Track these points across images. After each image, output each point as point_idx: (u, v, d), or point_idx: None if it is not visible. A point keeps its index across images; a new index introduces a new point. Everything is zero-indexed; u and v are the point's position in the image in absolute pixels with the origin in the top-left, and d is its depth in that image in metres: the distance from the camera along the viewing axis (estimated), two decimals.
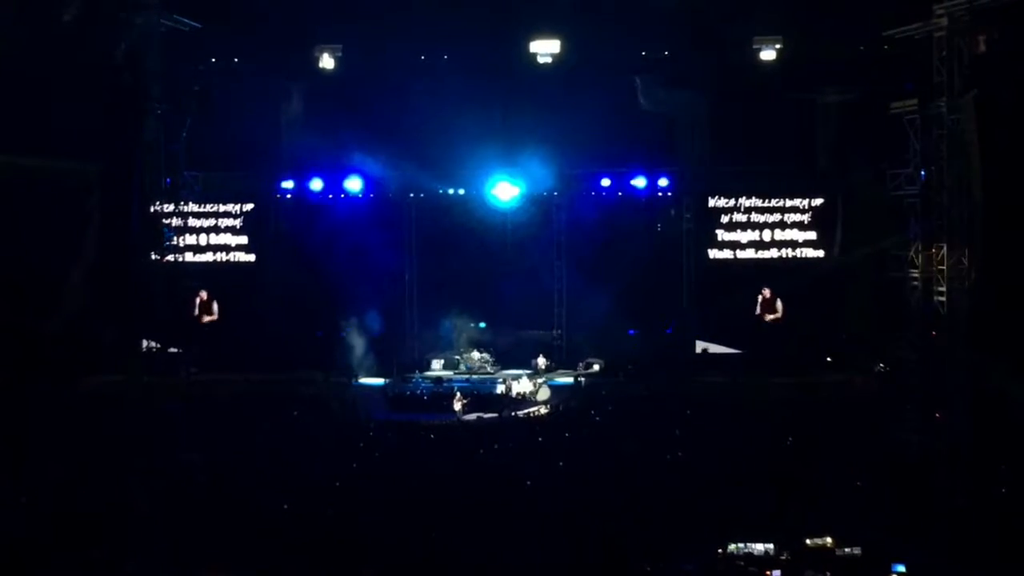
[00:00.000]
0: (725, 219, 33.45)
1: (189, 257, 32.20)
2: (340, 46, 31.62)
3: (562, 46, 31.47)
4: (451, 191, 33.76)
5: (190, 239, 32.68)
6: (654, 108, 32.63)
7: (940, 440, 23.36)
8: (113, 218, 27.29)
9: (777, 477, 21.26)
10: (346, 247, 32.96)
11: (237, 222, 33.84)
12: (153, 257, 27.99)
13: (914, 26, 27.99)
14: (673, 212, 33.99)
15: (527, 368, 33.08)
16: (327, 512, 20.06)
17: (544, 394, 30.47)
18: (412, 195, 33.92)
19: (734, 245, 33.39)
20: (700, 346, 33.03)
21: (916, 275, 29.09)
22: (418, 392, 31.19)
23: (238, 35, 30.96)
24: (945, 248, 28.26)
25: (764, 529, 18.27)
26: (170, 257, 28.45)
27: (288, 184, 33.77)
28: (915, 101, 28.65)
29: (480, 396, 30.34)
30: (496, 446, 24.74)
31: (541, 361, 33.18)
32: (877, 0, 28.99)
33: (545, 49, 31.50)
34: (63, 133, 27.35)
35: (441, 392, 30.79)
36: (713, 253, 33.41)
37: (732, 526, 18.57)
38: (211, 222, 33.67)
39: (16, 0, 26.19)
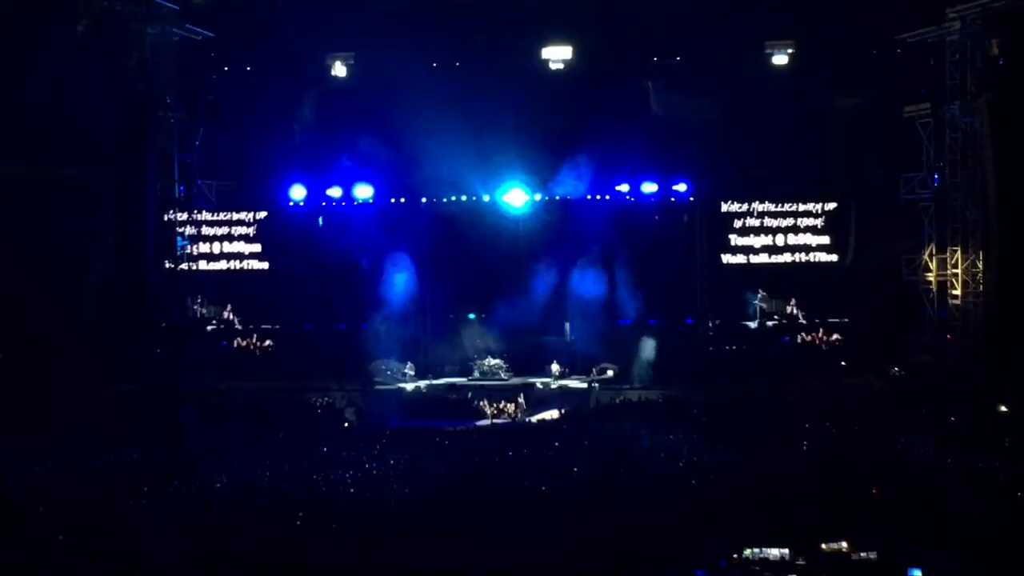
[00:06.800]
0: (738, 224, 33.49)
1: (203, 265, 32.39)
2: (352, 54, 31.76)
3: (574, 52, 31.53)
4: (463, 198, 33.74)
5: (204, 247, 32.86)
6: (666, 114, 32.64)
7: (955, 443, 23.29)
8: (127, 227, 27.34)
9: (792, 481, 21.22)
10: (359, 254, 33.04)
11: (250, 230, 33.99)
12: (167, 266, 28.12)
13: (927, 30, 28.03)
14: (686, 218, 33.94)
15: (541, 374, 33.03)
16: (339, 524, 20.02)
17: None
18: (424, 202, 33.88)
19: (747, 250, 33.42)
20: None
21: (930, 279, 29.09)
22: (432, 398, 31.20)
23: (251, 44, 31.11)
24: (959, 251, 28.25)
25: (779, 534, 18.20)
26: (184, 265, 28.58)
27: (301, 191, 33.82)
28: (928, 105, 28.69)
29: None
30: (510, 452, 24.70)
31: (555, 367, 33.10)
32: (890, 4, 28.94)
33: (557, 55, 31.55)
34: (77, 142, 27.47)
35: (456, 398, 30.78)
36: (726, 258, 33.44)
37: (747, 531, 18.51)
38: (224, 230, 33.82)
39: (30, 11, 26.28)
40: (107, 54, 26.69)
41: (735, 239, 33.49)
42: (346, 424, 28.50)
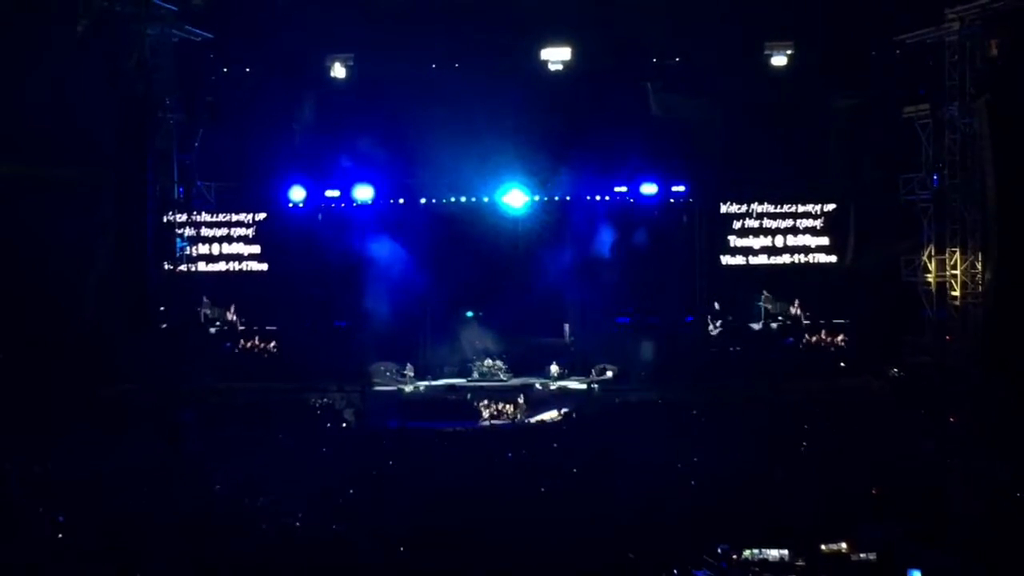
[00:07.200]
0: (737, 225, 33.49)
1: (202, 267, 32.42)
2: (352, 55, 31.77)
3: (573, 53, 31.56)
4: (463, 199, 33.74)
5: (203, 248, 32.87)
6: (665, 114, 32.67)
7: (955, 443, 23.30)
8: (127, 228, 27.36)
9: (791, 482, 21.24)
10: (358, 255, 33.06)
11: (250, 231, 33.93)
12: (167, 267, 28.13)
13: (926, 31, 28.10)
14: (685, 219, 33.94)
15: (540, 375, 33.00)
16: (337, 526, 20.03)
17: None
18: (424, 203, 33.86)
19: (746, 251, 33.42)
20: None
21: (929, 279, 29.12)
22: (431, 399, 31.17)
23: (250, 45, 31.12)
24: (958, 252, 28.29)
25: (779, 535, 18.22)
26: (183, 267, 28.60)
27: (301, 193, 33.80)
28: (927, 106, 28.76)
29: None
30: (509, 453, 24.71)
31: (554, 368, 33.08)
32: (889, 5, 28.98)
33: (556, 56, 31.59)
34: (77, 143, 27.46)
35: (455, 399, 30.77)
36: (725, 259, 33.44)
37: (747, 531, 18.54)
38: (224, 231, 33.75)
39: (30, 11, 26.29)
40: (107, 55, 26.73)
41: (734, 240, 33.50)
42: (344, 425, 28.49)
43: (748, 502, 19.79)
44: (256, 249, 33.87)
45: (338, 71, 31.83)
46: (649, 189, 33.47)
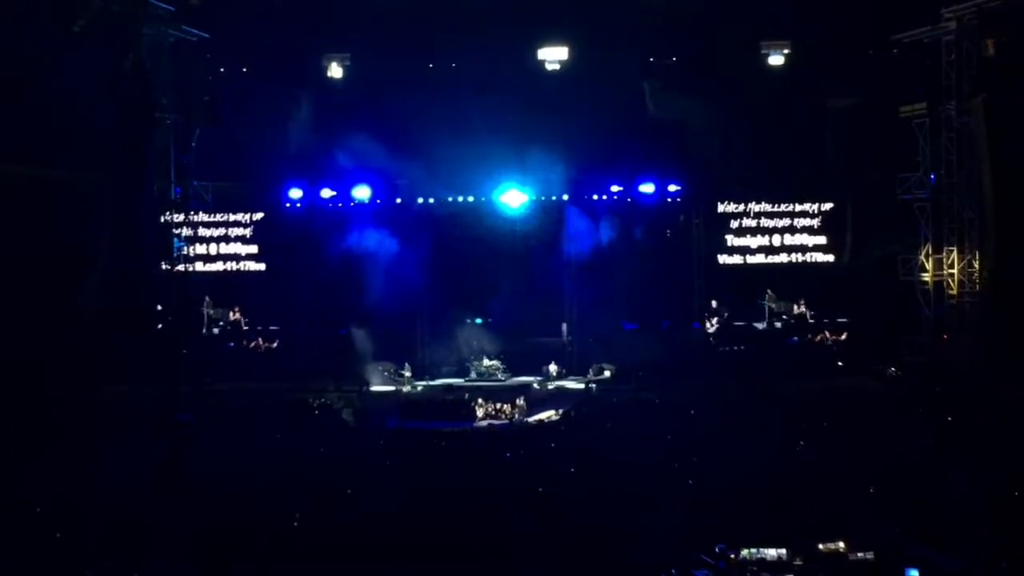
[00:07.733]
0: (735, 224, 33.54)
1: (200, 267, 32.38)
2: (348, 55, 31.81)
3: (570, 53, 31.58)
4: (460, 199, 33.72)
5: (200, 248, 32.85)
6: (663, 114, 32.66)
7: (952, 443, 23.30)
8: (124, 228, 27.31)
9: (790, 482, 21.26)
10: (356, 256, 33.04)
11: (247, 231, 33.96)
12: (164, 267, 28.10)
13: (923, 30, 28.12)
14: (682, 218, 33.96)
15: (538, 375, 32.99)
16: (337, 523, 20.04)
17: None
18: (421, 203, 33.83)
19: (744, 250, 33.48)
20: None
21: (927, 278, 29.14)
22: (429, 399, 31.16)
23: (247, 45, 31.09)
24: (955, 251, 28.32)
25: (777, 534, 18.24)
26: (181, 267, 28.57)
27: (297, 193, 33.79)
28: (924, 105, 28.77)
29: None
30: (507, 453, 24.72)
31: (552, 368, 33.07)
32: (885, 5, 29.00)
33: (553, 56, 31.62)
34: (74, 144, 27.39)
35: (453, 399, 30.76)
36: (723, 259, 33.47)
37: (745, 531, 18.56)
38: (221, 231, 33.80)
39: (28, 10, 26.23)
40: (104, 55, 26.66)
41: (732, 239, 33.53)
42: (342, 425, 28.48)
43: (746, 502, 19.81)
44: (254, 249, 33.90)
45: (335, 71, 31.86)
46: (647, 188, 33.48)
